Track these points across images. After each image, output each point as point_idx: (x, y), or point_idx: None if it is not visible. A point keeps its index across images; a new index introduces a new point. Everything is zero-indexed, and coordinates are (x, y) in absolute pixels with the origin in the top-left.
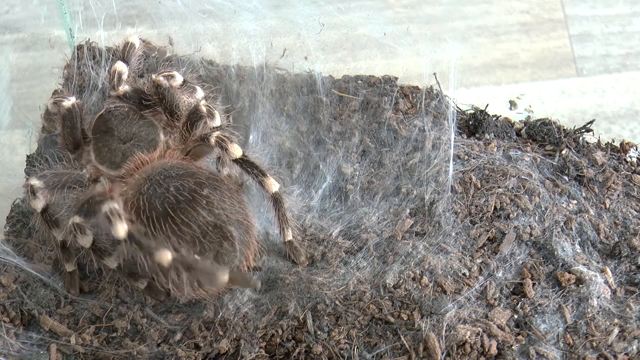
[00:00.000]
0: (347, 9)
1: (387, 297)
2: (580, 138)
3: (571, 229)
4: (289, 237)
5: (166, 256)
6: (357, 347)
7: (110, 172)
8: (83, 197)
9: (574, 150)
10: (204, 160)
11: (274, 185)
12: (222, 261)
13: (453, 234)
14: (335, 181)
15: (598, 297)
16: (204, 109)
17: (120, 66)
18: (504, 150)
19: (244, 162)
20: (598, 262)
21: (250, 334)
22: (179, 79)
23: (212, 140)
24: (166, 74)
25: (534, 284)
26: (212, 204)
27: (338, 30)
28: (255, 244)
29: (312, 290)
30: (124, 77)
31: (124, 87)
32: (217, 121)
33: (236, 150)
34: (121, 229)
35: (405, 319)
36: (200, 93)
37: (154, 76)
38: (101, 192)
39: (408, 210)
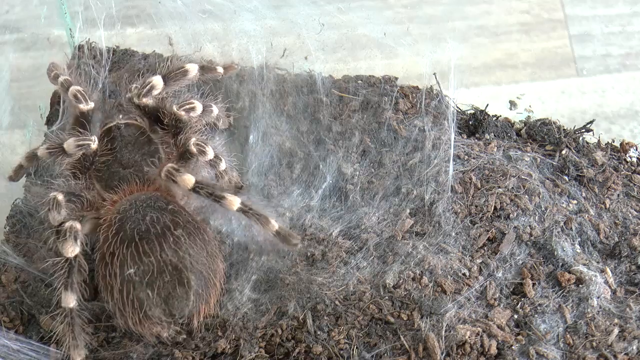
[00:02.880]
0: (347, 9)
1: (387, 297)
2: (580, 138)
3: (571, 229)
4: (275, 227)
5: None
6: (357, 347)
7: (102, 192)
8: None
9: (574, 150)
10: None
11: (233, 204)
12: (172, 306)
13: (453, 234)
14: (335, 181)
15: (598, 297)
16: (194, 149)
17: (157, 81)
18: (504, 150)
19: (200, 189)
20: (598, 262)
21: (249, 334)
22: (199, 108)
23: (163, 175)
24: (188, 107)
25: (534, 284)
26: (180, 246)
27: (338, 30)
28: (212, 303)
29: (312, 290)
30: (154, 92)
31: (148, 101)
32: (210, 156)
33: (187, 181)
34: (70, 249)
35: (405, 319)
36: (215, 111)
37: (175, 109)
38: (77, 210)
39: (408, 210)
